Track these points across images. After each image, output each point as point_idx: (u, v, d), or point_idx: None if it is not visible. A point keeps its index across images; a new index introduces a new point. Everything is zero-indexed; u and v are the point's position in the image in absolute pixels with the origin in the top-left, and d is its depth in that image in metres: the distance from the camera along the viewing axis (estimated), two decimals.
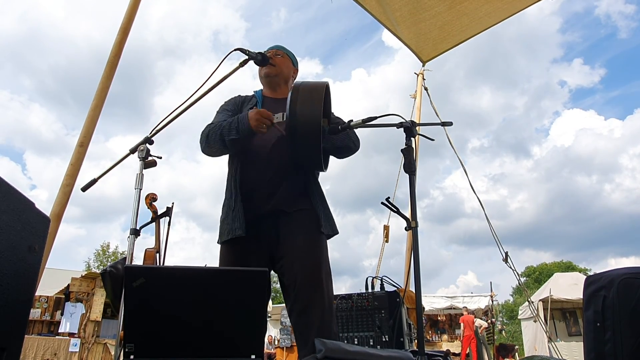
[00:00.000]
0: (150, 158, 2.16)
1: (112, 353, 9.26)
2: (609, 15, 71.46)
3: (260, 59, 2.18)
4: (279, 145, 2.12)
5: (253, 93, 2.40)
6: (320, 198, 2.19)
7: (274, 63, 2.28)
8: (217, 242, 2.17)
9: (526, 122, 72.16)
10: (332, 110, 2.30)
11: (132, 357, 1.31)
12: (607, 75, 72.57)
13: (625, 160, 61.60)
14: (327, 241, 2.17)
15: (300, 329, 1.97)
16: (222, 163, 2.33)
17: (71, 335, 9.52)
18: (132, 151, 2.15)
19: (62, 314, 10.03)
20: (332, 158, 2.29)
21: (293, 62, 2.44)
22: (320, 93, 1.97)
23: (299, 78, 2.49)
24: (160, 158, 2.20)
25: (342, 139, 2.18)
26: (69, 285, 10.15)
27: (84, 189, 2.24)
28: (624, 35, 69.41)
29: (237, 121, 2.07)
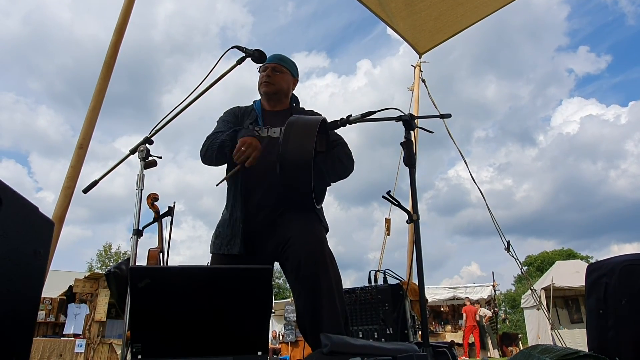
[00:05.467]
0: (150, 158, 2.17)
1: (118, 353, 9.30)
2: (616, 1, 71.23)
3: (257, 56, 2.18)
4: (275, 157, 2.12)
5: (252, 104, 2.40)
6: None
7: (273, 82, 2.30)
8: (210, 252, 2.19)
9: (532, 110, 72.18)
10: (330, 107, 2.32)
11: (139, 356, 1.32)
12: (613, 62, 72.51)
13: (630, 146, 61.53)
14: (328, 235, 2.19)
15: (310, 312, 1.95)
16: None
17: (76, 336, 9.56)
18: (132, 152, 2.16)
19: (65, 316, 10.08)
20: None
21: (292, 74, 2.42)
22: (313, 133, 1.91)
23: (301, 72, 2.48)
24: (160, 158, 2.21)
25: (332, 165, 2.19)
26: (71, 287, 10.18)
27: (85, 191, 2.25)
28: (632, 22, 69.15)
29: (235, 138, 2.11)
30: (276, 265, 2.25)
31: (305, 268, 1.97)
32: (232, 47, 2.13)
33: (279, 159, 1.91)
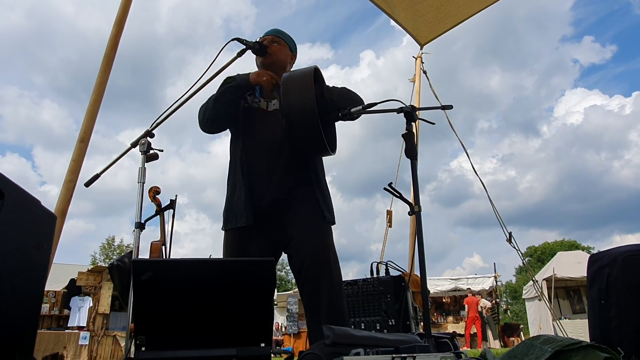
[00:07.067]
0: (151, 151, 2.17)
1: (122, 345, 9.37)
2: None
3: (258, 48, 2.17)
4: (278, 133, 2.12)
5: None
6: (321, 185, 2.20)
7: (270, 52, 2.25)
8: (222, 229, 2.19)
9: (536, 101, 71.68)
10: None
11: (143, 348, 1.33)
12: (618, 52, 71.92)
13: (634, 136, 61.21)
14: (332, 228, 2.19)
15: (311, 311, 2.00)
16: None
17: (80, 328, 9.63)
18: (134, 145, 2.16)
19: (68, 309, 10.14)
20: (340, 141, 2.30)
21: (290, 48, 2.39)
22: (309, 79, 1.95)
23: (295, 66, 2.47)
24: (162, 151, 2.21)
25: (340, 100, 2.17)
26: (71, 280, 10.23)
27: (87, 185, 2.26)
28: (638, 11, 68.38)
29: (236, 76, 2.14)
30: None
31: (309, 269, 2.01)
32: (232, 40, 2.12)
33: (283, 113, 1.95)
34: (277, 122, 2.12)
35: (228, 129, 2.31)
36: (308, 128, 1.92)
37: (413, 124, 1.90)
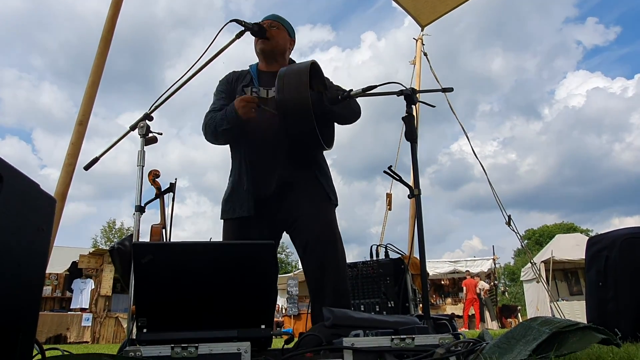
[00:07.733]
0: (150, 134, 2.16)
1: (124, 326, 9.49)
2: None
3: (257, 30, 2.14)
4: (278, 121, 2.12)
5: (248, 68, 2.37)
6: (322, 169, 2.20)
7: (269, 36, 2.23)
8: (221, 218, 2.19)
9: (538, 83, 71.03)
10: (335, 82, 2.29)
11: (144, 330, 1.35)
12: (622, 34, 71.02)
13: (635, 119, 60.90)
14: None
15: (316, 290, 2.01)
16: None
17: (83, 310, 9.75)
18: (132, 128, 2.15)
19: (70, 291, 10.24)
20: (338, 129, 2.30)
21: (289, 33, 2.37)
22: (305, 75, 1.95)
23: (296, 49, 2.45)
24: (161, 134, 2.20)
25: (342, 109, 2.18)
26: (73, 262, 10.31)
27: (86, 168, 2.25)
28: None
29: (226, 113, 2.09)
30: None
31: (314, 248, 2.02)
32: (230, 21, 2.09)
33: (278, 109, 1.95)
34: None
35: None
36: (302, 124, 1.93)
37: (413, 106, 1.90)
